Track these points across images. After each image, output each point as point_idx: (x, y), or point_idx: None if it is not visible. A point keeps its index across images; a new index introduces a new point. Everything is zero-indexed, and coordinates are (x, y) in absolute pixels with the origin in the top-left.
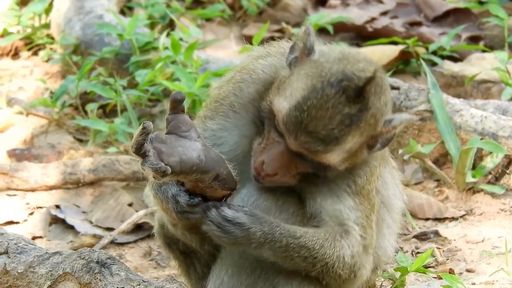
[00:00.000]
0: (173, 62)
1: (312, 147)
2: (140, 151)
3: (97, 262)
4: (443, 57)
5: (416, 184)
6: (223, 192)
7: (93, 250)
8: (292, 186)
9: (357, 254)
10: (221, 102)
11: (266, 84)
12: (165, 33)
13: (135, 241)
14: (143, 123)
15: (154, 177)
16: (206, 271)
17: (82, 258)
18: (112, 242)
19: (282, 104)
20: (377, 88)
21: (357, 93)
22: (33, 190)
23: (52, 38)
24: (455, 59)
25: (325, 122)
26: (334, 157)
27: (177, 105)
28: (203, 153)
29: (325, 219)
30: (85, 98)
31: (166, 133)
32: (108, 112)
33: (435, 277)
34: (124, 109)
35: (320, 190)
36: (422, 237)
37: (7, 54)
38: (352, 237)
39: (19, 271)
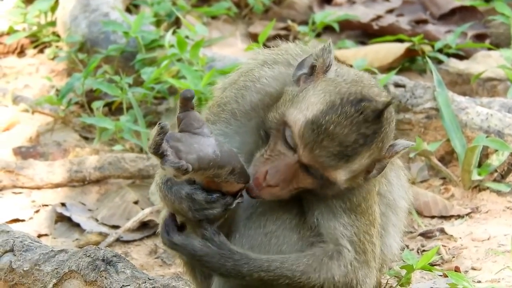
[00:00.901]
0: (179, 60)
1: (325, 162)
2: (158, 151)
3: (103, 260)
4: (449, 55)
5: (422, 182)
6: (239, 186)
7: (98, 248)
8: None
9: (352, 271)
10: (223, 108)
11: (271, 97)
12: (171, 31)
13: (140, 239)
14: (160, 123)
15: (175, 176)
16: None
17: (88, 256)
18: (118, 240)
19: (297, 116)
20: (390, 115)
21: (376, 115)
22: (38, 188)
23: (58, 36)
24: (461, 57)
25: (341, 139)
26: (341, 175)
27: (187, 103)
28: (218, 148)
29: (322, 233)
30: (91, 96)
31: (179, 131)
32: (114, 110)
33: (441, 275)
34: (130, 107)
35: (318, 204)
36: (427, 235)
37: (13, 52)
38: (343, 257)
39: (24, 268)
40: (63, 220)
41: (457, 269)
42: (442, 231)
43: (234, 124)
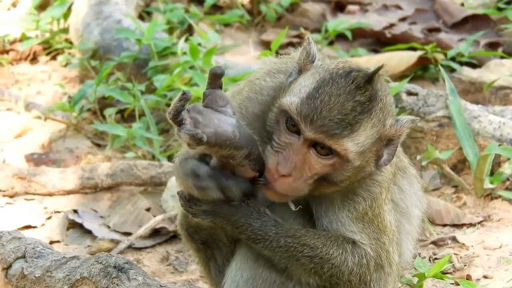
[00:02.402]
0: (192, 67)
1: (329, 131)
2: (177, 118)
3: (115, 267)
4: (461, 63)
5: (434, 190)
6: (253, 173)
7: (110, 254)
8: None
9: (366, 266)
10: None
11: (270, 106)
12: (183, 38)
13: (152, 246)
14: (183, 90)
15: (189, 145)
16: (226, 263)
17: (100, 263)
18: (130, 247)
19: (292, 99)
20: (383, 84)
21: (366, 80)
22: (50, 195)
23: (71, 42)
24: (473, 65)
25: (338, 108)
26: (350, 146)
27: (215, 79)
28: (237, 129)
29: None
30: (103, 103)
31: (203, 106)
32: (126, 117)
33: (453, 283)
34: (142, 114)
35: (326, 214)
36: (439, 243)
37: (26, 59)
38: (357, 246)
39: (36, 275)
40: (75, 226)
41: (468, 278)
42: (454, 239)
43: None
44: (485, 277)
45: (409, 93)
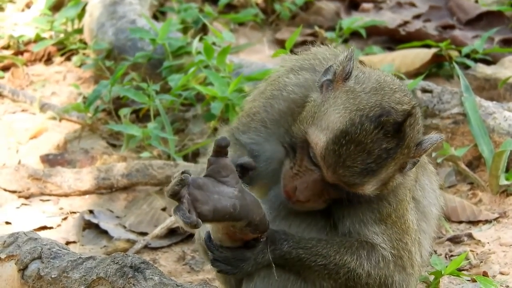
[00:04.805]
0: (206, 67)
1: (350, 181)
2: (175, 197)
3: (131, 267)
4: (476, 60)
5: (449, 187)
6: (253, 236)
7: (126, 254)
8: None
9: (386, 268)
10: (253, 118)
11: (297, 104)
12: (198, 38)
13: (168, 246)
14: (183, 172)
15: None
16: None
17: (116, 263)
18: (146, 247)
19: (318, 136)
20: (413, 120)
21: (396, 129)
22: (66, 195)
23: (85, 43)
24: (488, 62)
25: (363, 157)
26: (369, 188)
27: (221, 150)
28: (238, 201)
29: (355, 238)
30: (118, 103)
31: (205, 175)
32: (141, 117)
33: (469, 280)
34: (157, 114)
35: (348, 213)
36: (455, 240)
37: (40, 60)
38: (376, 251)
39: (52, 276)
40: (91, 227)
41: (485, 274)
42: (470, 236)
43: (265, 133)
44: (502, 273)
45: (424, 90)
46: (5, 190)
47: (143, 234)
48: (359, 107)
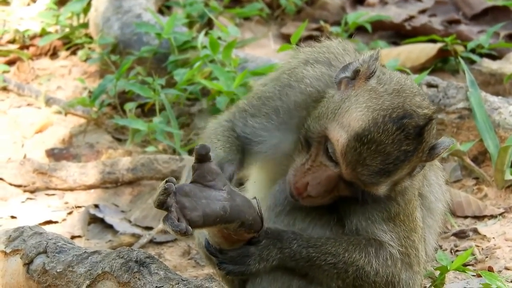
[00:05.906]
0: (212, 61)
1: (367, 179)
2: (162, 207)
3: (136, 261)
4: (481, 55)
5: (455, 182)
6: (249, 235)
7: (132, 249)
8: None
9: (393, 266)
10: (265, 102)
11: (313, 98)
12: (203, 32)
13: (174, 240)
14: (166, 181)
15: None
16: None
17: (121, 257)
18: (151, 241)
19: (339, 133)
20: (433, 125)
21: (417, 132)
22: (71, 190)
23: (91, 37)
24: (493, 57)
25: (383, 157)
26: (383, 188)
27: (202, 158)
28: (228, 203)
29: (362, 235)
30: (124, 97)
31: (191, 181)
32: (146, 111)
33: (474, 275)
34: (162, 108)
35: (355, 211)
36: (461, 235)
37: (46, 54)
38: (384, 249)
39: (58, 270)
40: (96, 221)
41: (490, 269)
42: (475, 231)
43: (276, 120)
44: (507, 268)
45: (430, 85)
46: (10, 184)
47: (148, 228)
48: (382, 107)
